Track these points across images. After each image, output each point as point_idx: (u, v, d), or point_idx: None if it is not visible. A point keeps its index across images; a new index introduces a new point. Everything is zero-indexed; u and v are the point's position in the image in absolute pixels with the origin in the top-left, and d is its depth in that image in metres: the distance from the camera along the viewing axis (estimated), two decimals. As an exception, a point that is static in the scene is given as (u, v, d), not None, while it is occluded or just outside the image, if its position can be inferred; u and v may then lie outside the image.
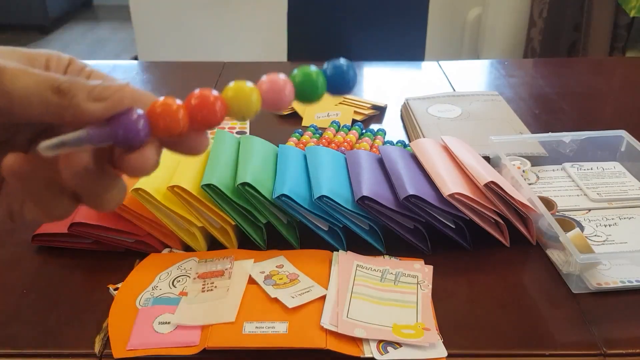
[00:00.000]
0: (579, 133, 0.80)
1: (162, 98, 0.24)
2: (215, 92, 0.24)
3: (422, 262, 0.62)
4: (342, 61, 0.25)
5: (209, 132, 0.26)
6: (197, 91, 0.24)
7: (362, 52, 1.51)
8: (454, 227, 0.64)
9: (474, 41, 2.54)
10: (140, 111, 0.23)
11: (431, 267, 0.61)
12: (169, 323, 0.53)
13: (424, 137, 0.87)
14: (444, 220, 0.63)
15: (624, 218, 0.70)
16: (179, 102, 0.24)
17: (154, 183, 0.62)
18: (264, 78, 0.25)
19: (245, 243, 0.64)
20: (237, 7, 2.49)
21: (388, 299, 0.56)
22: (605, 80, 1.19)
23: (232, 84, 0.25)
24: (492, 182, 0.63)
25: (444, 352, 0.51)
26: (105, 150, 0.25)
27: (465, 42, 2.55)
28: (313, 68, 0.26)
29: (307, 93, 0.25)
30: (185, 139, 0.25)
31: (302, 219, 0.63)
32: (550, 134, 0.81)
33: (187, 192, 0.62)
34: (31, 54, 0.26)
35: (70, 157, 0.24)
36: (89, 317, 0.55)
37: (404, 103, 1.00)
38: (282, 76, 0.26)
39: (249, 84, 0.25)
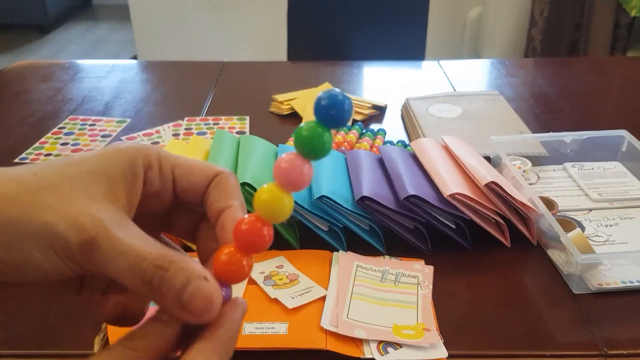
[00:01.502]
0: (580, 133, 0.80)
1: (224, 256, 0.25)
2: (258, 225, 0.25)
3: (423, 262, 0.62)
4: (336, 91, 0.23)
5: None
6: (244, 228, 0.25)
7: (362, 52, 1.51)
8: (454, 227, 0.64)
9: (475, 40, 2.53)
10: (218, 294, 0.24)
11: (432, 267, 0.61)
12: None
13: (424, 136, 0.87)
14: (444, 221, 0.63)
15: (625, 218, 0.69)
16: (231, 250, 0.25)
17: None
18: (282, 171, 0.25)
19: (245, 243, 0.64)
20: (237, 7, 2.49)
21: (388, 299, 0.56)
22: (606, 80, 1.18)
23: (264, 195, 0.25)
24: (493, 182, 0.62)
25: (444, 353, 0.50)
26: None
27: (466, 41, 2.55)
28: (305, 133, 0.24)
29: (316, 153, 0.24)
30: None
31: (302, 219, 0.63)
32: (551, 133, 0.81)
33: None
34: (130, 158, 0.26)
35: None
36: (89, 318, 0.55)
37: (405, 103, 1.00)
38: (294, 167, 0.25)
39: (276, 193, 0.25)
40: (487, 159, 0.77)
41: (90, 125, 0.98)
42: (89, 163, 0.25)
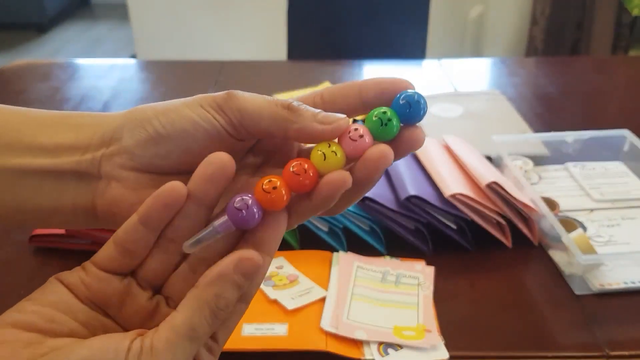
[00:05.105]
0: (582, 132, 0.79)
1: (267, 181, 0.26)
2: (305, 166, 0.26)
3: (424, 262, 0.61)
4: (413, 92, 0.27)
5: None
6: (293, 167, 0.26)
7: (362, 50, 1.51)
8: (455, 227, 0.63)
9: (476, 39, 2.53)
10: (248, 198, 0.26)
11: (432, 267, 0.61)
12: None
13: (425, 136, 0.86)
14: (445, 221, 0.63)
15: (627, 218, 0.69)
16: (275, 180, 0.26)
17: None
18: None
19: (245, 243, 0.64)
20: (237, 5, 2.48)
21: (389, 300, 0.56)
22: (608, 80, 1.18)
23: (320, 151, 0.26)
24: (494, 182, 0.62)
25: (445, 354, 0.50)
26: None
27: (467, 40, 2.55)
28: (384, 109, 0.27)
29: (384, 134, 0.27)
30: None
31: (302, 219, 0.62)
32: (552, 133, 0.81)
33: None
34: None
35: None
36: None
37: (405, 102, 0.99)
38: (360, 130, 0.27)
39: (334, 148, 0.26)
40: (489, 158, 0.77)
41: (89, 124, 0.97)
42: None
